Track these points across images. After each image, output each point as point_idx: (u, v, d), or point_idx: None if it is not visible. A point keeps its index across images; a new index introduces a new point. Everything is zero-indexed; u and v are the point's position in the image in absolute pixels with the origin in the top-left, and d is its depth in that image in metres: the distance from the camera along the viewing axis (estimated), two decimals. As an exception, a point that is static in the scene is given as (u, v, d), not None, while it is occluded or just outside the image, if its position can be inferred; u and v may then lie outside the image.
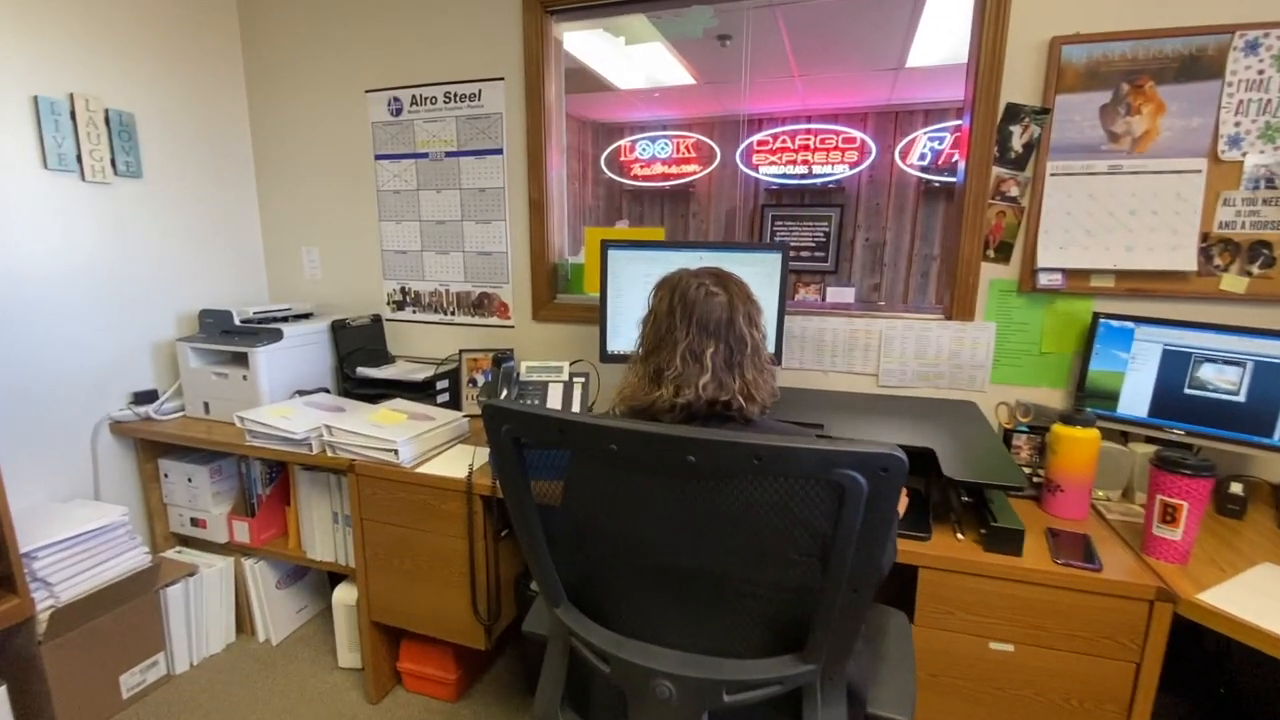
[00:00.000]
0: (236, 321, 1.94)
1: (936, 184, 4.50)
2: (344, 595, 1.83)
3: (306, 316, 2.12)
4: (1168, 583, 1.08)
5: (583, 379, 1.62)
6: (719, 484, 0.69)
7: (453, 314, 2.16)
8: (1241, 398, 1.34)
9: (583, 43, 3.12)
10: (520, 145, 1.96)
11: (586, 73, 3.64)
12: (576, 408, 1.56)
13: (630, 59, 3.43)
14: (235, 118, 2.25)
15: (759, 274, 1.56)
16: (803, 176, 4.76)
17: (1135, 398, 1.45)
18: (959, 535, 1.22)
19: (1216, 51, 1.38)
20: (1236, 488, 1.34)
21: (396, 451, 1.55)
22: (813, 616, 0.74)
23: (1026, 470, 1.46)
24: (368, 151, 2.15)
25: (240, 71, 2.25)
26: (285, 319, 2.05)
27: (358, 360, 2.05)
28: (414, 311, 2.21)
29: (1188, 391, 1.40)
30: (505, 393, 1.52)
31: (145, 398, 1.97)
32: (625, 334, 1.67)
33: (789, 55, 3.39)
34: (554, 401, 1.58)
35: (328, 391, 2.03)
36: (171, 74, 2.02)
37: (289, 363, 1.94)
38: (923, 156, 4.50)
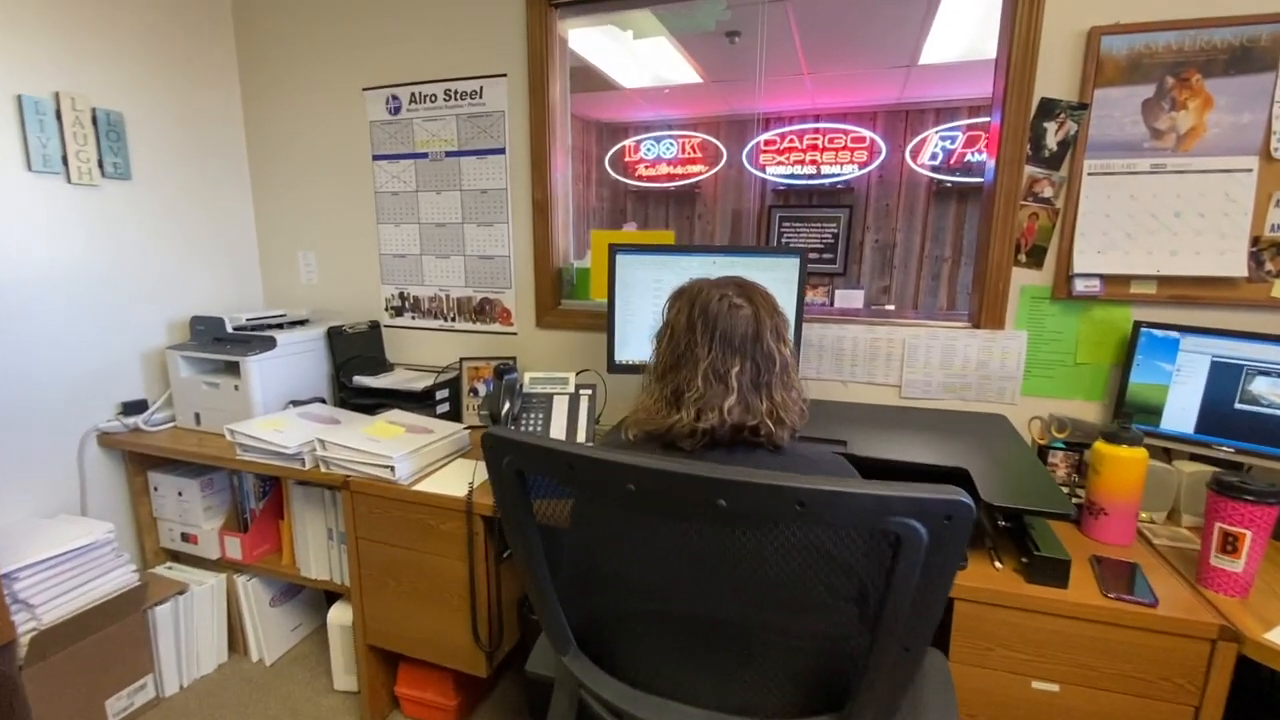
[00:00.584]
0: (229, 328, 1.86)
1: (949, 184, 4.40)
2: (339, 615, 1.75)
3: (302, 323, 2.04)
4: (1231, 620, 0.98)
5: (589, 391, 1.54)
6: (752, 530, 0.60)
7: (453, 320, 2.08)
8: (1299, 414, 1.24)
9: (587, 40, 3.04)
10: (523, 145, 1.88)
11: (590, 71, 3.57)
12: (583, 423, 1.48)
13: (636, 57, 3.35)
14: (228, 117, 2.17)
15: (776, 280, 1.48)
16: (811, 177, 4.67)
17: (1180, 412, 1.36)
18: (997, 564, 1.13)
19: (1270, 42, 1.29)
20: (1293, 510, 1.24)
21: (393, 468, 1.46)
22: (856, 675, 0.65)
23: (1064, 490, 1.36)
24: (365, 151, 2.07)
25: (234, 69, 2.17)
26: (279, 326, 1.97)
27: (354, 368, 1.97)
28: (413, 317, 2.13)
29: (1238, 406, 1.30)
30: (507, 406, 1.43)
31: (134, 408, 1.89)
32: (634, 343, 1.58)
33: (799, 52, 3.31)
34: (559, 416, 1.49)
35: (323, 401, 1.95)
36: (162, 72, 1.95)
37: (283, 371, 1.86)
38: (934, 156, 4.41)
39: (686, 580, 0.70)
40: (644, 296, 1.56)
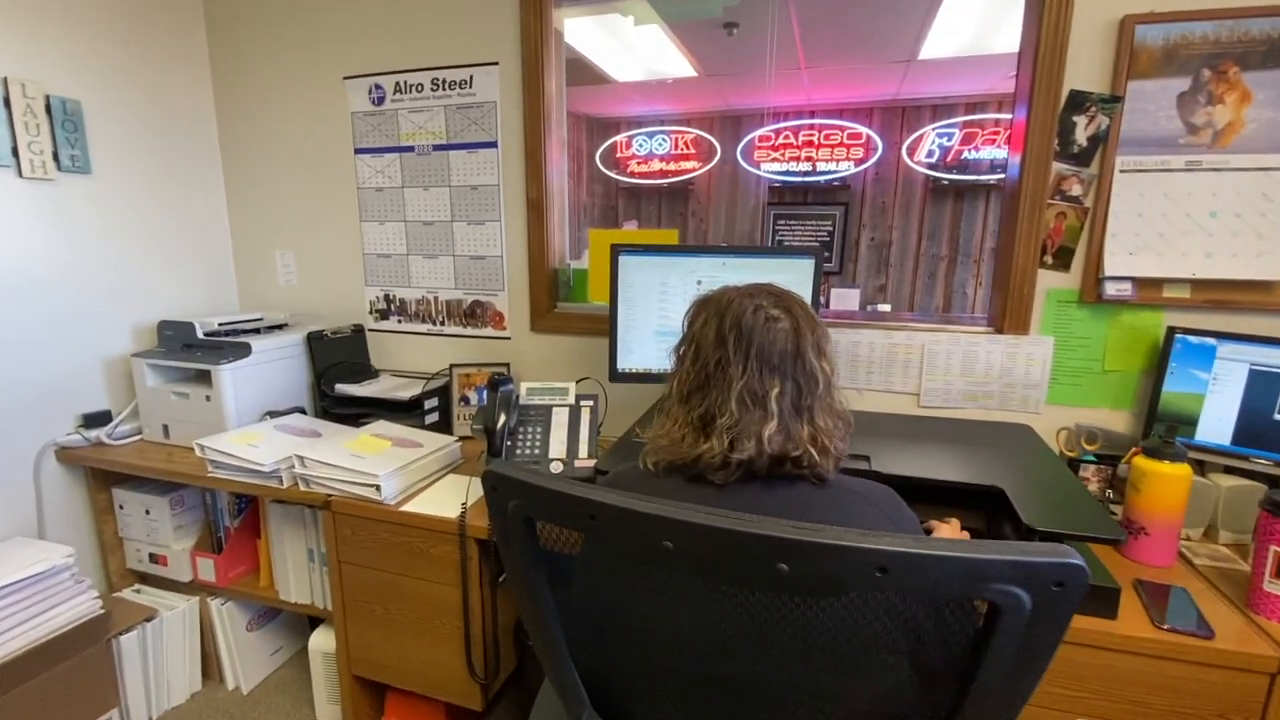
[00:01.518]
0: (199, 334, 1.73)
1: (945, 182, 4.35)
2: (321, 642, 1.63)
3: (279, 327, 1.92)
4: (1291, 653, 0.91)
5: (590, 402, 1.44)
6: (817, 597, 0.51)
7: (442, 324, 1.96)
8: (1344, 426, 1.18)
9: (579, 31, 2.92)
10: (517, 138, 1.77)
11: (581, 63, 3.45)
12: (585, 436, 1.37)
13: (631, 49, 3.24)
14: (199, 106, 2.03)
15: (789, 282, 1.35)
16: (806, 174, 4.60)
17: (1216, 423, 1.28)
18: (1037, 591, 1.05)
19: (1313, 33, 1.22)
20: (1337, 527, 1.18)
21: (378, 487, 1.35)
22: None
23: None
24: (347, 144, 1.94)
25: (204, 54, 2.03)
26: (255, 331, 1.85)
27: (336, 376, 1.85)
28: (399, 321, 2.01)
29: (1278, 417, 1.23)
30: (503, 419, 1.33)
31: (96, 420, 1.75)
32: (638, 350, 1.48)
33: (798, 46, 3.22)
34: (559, 429, 1.39)
35: (303, 412, 1.83)
36: (125, 56, 1.81)
37: (259, 380, 1.74)
38: (930, 153, 4.35)
39: (722, 638, 0.60)
40: (648, 300, 1.46)
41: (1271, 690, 0.92)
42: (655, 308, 1.47)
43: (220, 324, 1.78)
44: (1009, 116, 4.09)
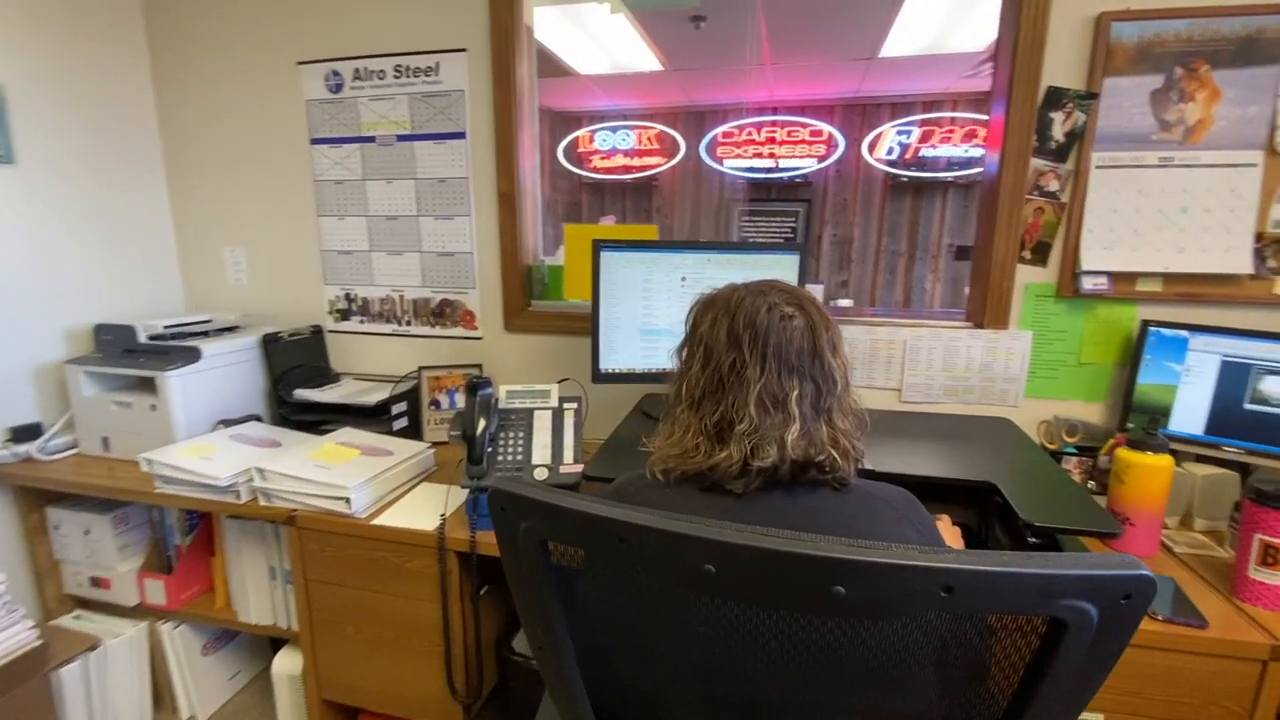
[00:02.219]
0: (142, 338, 1.59)
1: (904, 179, 4.43)
2: (286, 664, 1.53)
3: (231, 330, 1.79)
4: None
5: (574, 404, 1.38)
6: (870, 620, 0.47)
7: (408, 324, 1.87)
8: (1309, 414, 1.22)
9: (542, 20, 2.84)
10: (486, 128, 1.69)
11: (543, 55, 3.36)
12: (569, 440, 1.32)
13: (595, 40, 3.18)
14: (137, 91, 1.87)
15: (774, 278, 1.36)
16: (769, 170, 4.61)
17: (1190, 414, 1.32)
18: (1033, 586, 1.05)
19: (1277, 34, 1.25)
20: (1303, 512, 1.22)
21: (348, 500, 1.27)
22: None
23: (1078, 497, 1.30)
24: (302, 135, 1.82)
25: (141, 33, 1.87)
26: (204, 334, 1.72)
27: (295, 380, 1.74)
28: (361, 321, 1.91)
29: (1248, 407, 1.27)
30: (483, 424, 1.26)
31: (25, 434, 1.60)
32: (622, 349, 1.44)
33: (764, 41, 3.21)
34: (541, 433, 1.33)
35: (259, 420, 1.71)
36: (53, 37, 1.64)
37: (210, 387, 1.62)
38: (890, 150, 4.42)
39: (750, 659, 0.56)
40: (632, 297, 1.41)
41: (1263, 677, 0.94)
42: (639, 305, 1.42)
43: (165, 326, 1.64)
44: (965, 115, 4.19)
